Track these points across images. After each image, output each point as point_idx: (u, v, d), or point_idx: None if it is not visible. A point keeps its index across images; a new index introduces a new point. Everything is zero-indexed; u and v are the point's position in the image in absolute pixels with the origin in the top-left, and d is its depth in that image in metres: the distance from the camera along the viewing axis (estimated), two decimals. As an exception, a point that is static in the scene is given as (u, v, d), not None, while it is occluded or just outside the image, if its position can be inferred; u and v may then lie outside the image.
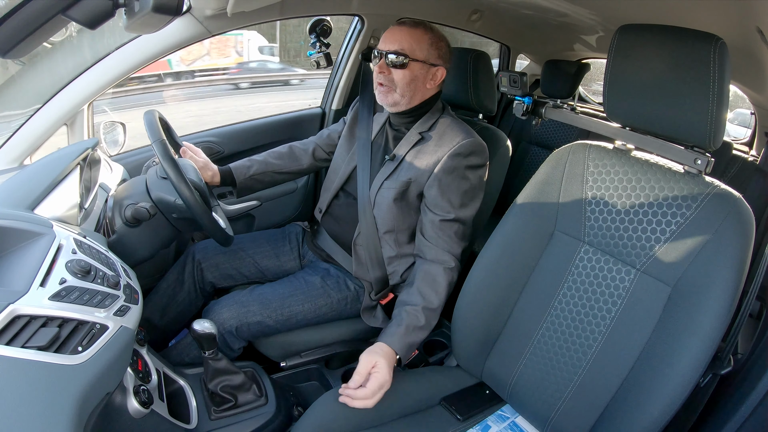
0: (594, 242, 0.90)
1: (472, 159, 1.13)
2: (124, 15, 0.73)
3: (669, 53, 0.76)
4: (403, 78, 1.13)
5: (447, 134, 1.16)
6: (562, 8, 1.46)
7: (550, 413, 0.90)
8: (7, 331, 0.58)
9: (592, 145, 0.94)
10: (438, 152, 1.14)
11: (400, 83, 1.14)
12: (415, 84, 1.15)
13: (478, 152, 1.14)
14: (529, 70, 2.51)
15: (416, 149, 1.17)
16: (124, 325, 0.72)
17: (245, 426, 0.95)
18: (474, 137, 1.15)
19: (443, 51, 1.17)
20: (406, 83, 1.14)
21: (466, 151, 1.12)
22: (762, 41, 0.95)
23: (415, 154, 1.17)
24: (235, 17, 1.22)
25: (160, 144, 0.92)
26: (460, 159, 1.12)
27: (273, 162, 1.37)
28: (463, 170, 1.12)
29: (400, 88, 1.14)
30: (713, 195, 0.77)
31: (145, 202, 0.95)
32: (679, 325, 0.75)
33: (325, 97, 1.84)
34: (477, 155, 1.14)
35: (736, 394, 0.79)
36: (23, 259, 0.68)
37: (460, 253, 1.13)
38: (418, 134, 1.18)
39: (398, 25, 1.15)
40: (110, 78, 1.20)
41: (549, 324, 0.93)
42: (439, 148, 1.14)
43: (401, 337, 1.00)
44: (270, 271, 1.36)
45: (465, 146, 1.12)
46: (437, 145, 1.15)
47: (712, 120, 0.73)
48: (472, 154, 1.13)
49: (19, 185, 0.86)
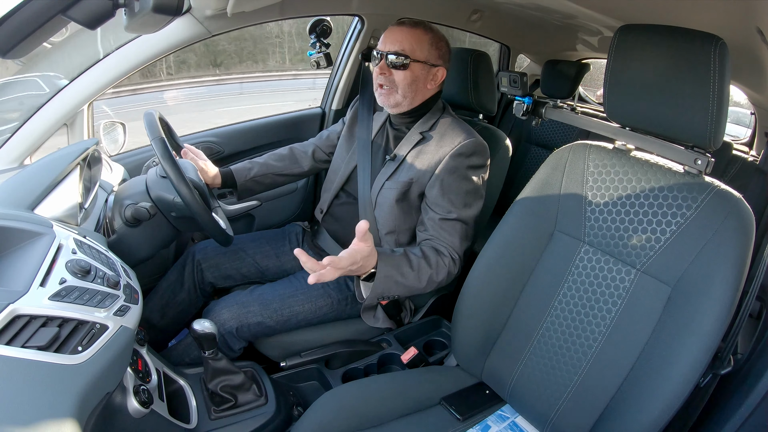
0: (594, 242, 0.90)
1: (474, 159, 1.13)
2: (124, 15, 0.73)
3: (669, 53, 0.76)
4: (405, 79, 1.13)
5: (448, 134, 1.15)
6: (562, 8, 1.45)
7: (550, 413, 0.90)
8: (7, 331, 0.58)
9: (592, 145, 0.94)
10: (440, 152, 1.13)
11: (402, 84, 1.13)
12: (417, 85, 1.15)
13: (480, 152, 1.14)
14: (529, 70, 2.51)
15: (417, 149, 1.17)
16: (124, 325, 0.72)
17: (245, 426, 0.95)
18: (475, 137, 1.14)
19: (443, 51, 1.17)
20: (408, 84, 1.14)
21: (468, 151, 1.12)
22: (762, 41, 0.95)
23: (416, 155, 1.17)
24: (235, 17, 1.22)
25: (159, 142, 0.92)
26: (462, 159, 1.12)
27: (274, 164, 1.37)
28: (465, 170, 1.12)
29: (401, 89, 1.14)
30: (713, 195, 0.77)
31: (145, 202, 0.95)
32: (679, 325, 0.75)
33: (325, 97, 1.83)
34: (479, 155, 1.14)
35: (736, 394, 0.79)
36: (23, 259, 0.68)
37: (462, 251, 1.13)
38: (419, 134, 1.18)
39: (398, 25, 1.15)
40: (110, 78, 1.20)
41: (549, 324, 0.93)
42: (440, 148, 1.14)
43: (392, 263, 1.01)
44: (270, 272, 1.36)
45: (467, 146, 1.12)
46: (438, 145, 1.15)
47: (712, 120, 0.73)
48: (474, 155, 1.13)
49: (19, 185, 0.86)
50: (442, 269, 1.08)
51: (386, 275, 1.01)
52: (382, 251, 1.02)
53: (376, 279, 1.00)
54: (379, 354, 1.23)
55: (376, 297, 1.04)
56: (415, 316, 1.37)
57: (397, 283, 1.03)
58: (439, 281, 1.09)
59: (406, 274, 1.03)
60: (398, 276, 1.02)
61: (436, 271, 1.07)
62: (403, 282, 1.03)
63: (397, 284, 1.03)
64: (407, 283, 1.04)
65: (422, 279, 1.06)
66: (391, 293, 1.04)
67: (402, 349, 1.23)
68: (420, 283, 1.06)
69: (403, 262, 1.04)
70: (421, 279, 1.06)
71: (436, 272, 1.08)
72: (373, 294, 1.02)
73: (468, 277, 1.02)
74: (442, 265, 1.09)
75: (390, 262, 1.02)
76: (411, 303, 1.36)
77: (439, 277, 1.08)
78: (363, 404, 0.92)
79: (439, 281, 1.09)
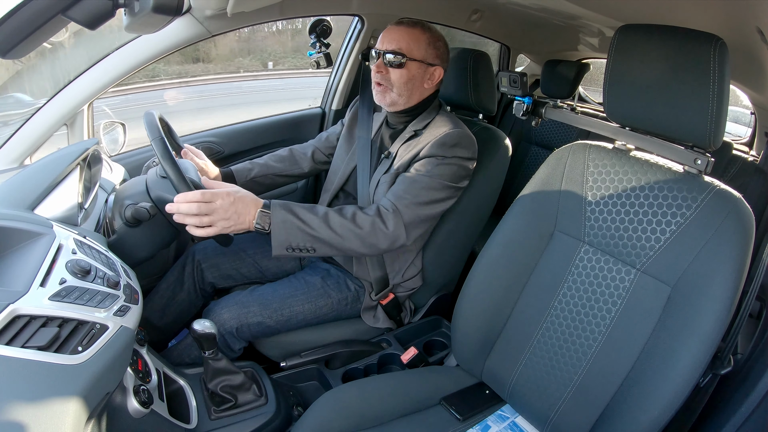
0: (594, 242, 0.90)
1: (457, 150, 1.11)
2: (124, 15, 0.73)
3: (669, 53, 0.76)
4: (401, 77, 1.13)
5: (437, 127, 1.15)
6: (562, 8, 1.46)
7: (550, 413, 0.90)
8: (7, 331, 0.58)
9: (592, 145, 0.94)
10: (424, 141, 1.13)
11: (398, 83, 1.14)
12: (413, 83, 1.15)
13: (465, 145, 1.12)
14: (529, 70, 2.51)
15: (408, 143, 1.17)
16: (124, 325, 0.72)
17: (245, 426, 0.95)
18: (461, 129, 1.13)
19: (441, 51, 1.17)
20: (404, 83, 1.14)
21: (451, 141, 1.11)
22: (762, 41, 0.95)
23: (406, 148, 1.17)
24: (235, 17, 1.22)
25: (159, 142, 0.92)
26: (445, 148, 1.10)
27: (274, 165, 1.38)
28: (442, 159, 1.10)
29: (397, 87, 1.14)
30: (713, 195, 0.77)
31: (145, 202, 0.95)
32: (679, 324, 0.75)
33: (325, 97, 1.84)
34: (463, 147, 1.12)
35: (736, 394, 0.79)
36: (23, 259, 0.68)
37: (408, 231, 1.07)
38: (413, 131, 1.18)
39: (396, 24, 1.15)
40: (110, 78, 1.20)
41: (549, 324, 0.93)
42: (425, 139, 1.14)
43: (287, 207, 0.97)
44: (270, 272, 1.36)
45: (451, 136, 1.11)
46: (426, 138, 1.14)
47: (712, 120, 0.73)
48: (457, 146, 1.11)
49: (19, 185, 0.86)
50: (377, 226, 1.03)
51: (283, 220, 0.97)
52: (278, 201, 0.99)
53: (273, 224, 0.96)
54: (379, 354, 1.23)
55: (281, 246, 0.98)
56: (415, 316, 1.37)
57: (303, 231, 0.98)
58: (377, 243, 1.04)
59: (309, 221, 0.98)
60: (298, 222, 0.98)
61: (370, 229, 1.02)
62: (310, 232, 0.98)
63: (304, 233, 0.98)
64: (319, 235, 0.99)
65: (343, 234, 1.01)
66: (302, 244, 0.99)
67: (402, 349, 1.23)
68: (342, 239, 1.01)
69: (302, 208, 0.99)
70: (342, 234, 1.01)
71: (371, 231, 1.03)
72: (276, 242, 0.97)
73: (468, 277, 1.02)
74: (378, 223, 1.04)
75: (285, 207, 0.98)
76: (411, 303, 1.36)
77: (377, 239, 1.03)
78: (363, 404, 0.92)
79: (378, 243, 1.04)
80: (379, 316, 1.26)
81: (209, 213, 0.92)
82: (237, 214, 0.95)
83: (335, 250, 1.03)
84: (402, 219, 1.06)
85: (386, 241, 1.05)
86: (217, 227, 0.94)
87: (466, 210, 1.26)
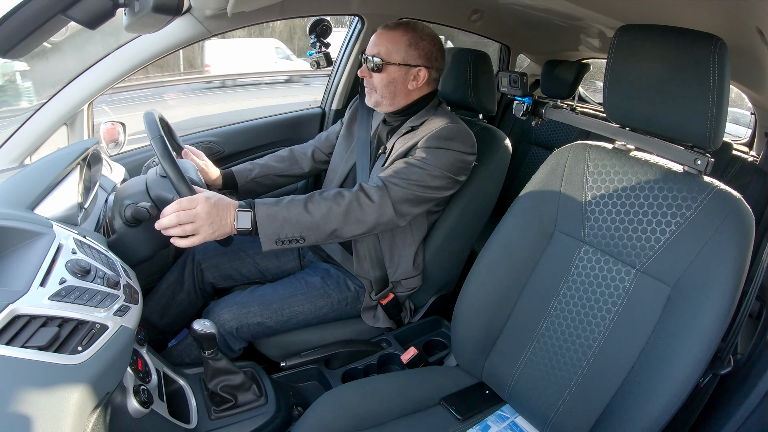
0: (594, 242, 0.90)
1: (453, 143, 1.10)
2: (124, 15, 0.73)
3: (669, 53, 0.76)
4: (381, 81, 1.16)
5: (434, 123, 1.15)
6: (562, 8, 1.46)
7: (550, 413, 0.90)
8: (7, 331, 0.58)
9: (592, 146, 0.94)
10: (419, 135, 1.13)
11: (379, 86, 1.16)
12: (394, 86, 1.16)
13: (462, 139, 1.12)
14: (529, 70, 2.51)
15: (404, 137, 1.18)
16: (124, 325, 0.72)
17: (245, 426, 0.95)
18: (458, 124, 1.13)
19: (426, 50, 1.16)
20: (384, 86, 1.16)
21: (447, 134, 1.10)
22: (762, 41, 0.95)
23: (402, 142, 1.17)
24: (235, 17, 1.22)
25: (158, 141, 0.92)
26: (441, 140, 1.10)
27: (274, 165, 1.38)
28: (437, 148, 1.09)
29: (379, 90, 1.17)
30: (713, 195, 0.77)
31: (145, 202, 0.95)
32: (679, 325, 0.75)
33: (325, 97, 1.84)
34: (460, 141, 1.11)
35: (736, 394, 0.79)
36: (23, 259, 0.68)
37: (396, 207, 1.05)
38: (410, 127, 1.19)
39: (381, 28, 1.18)
40: (110, 78, 1.20)
41: (549, 324, 0.93)
42: (422, 133, 1.14)
43: (267, 202, 0.97)
44: (270, 272, 1.36)
45: (447, 129, 1.11)
46: (422, 132, 1.14)
47: (711, 120, 0.73)
48: (453, 139, 1.10)
49: (19, 185, 0.86)
50: (361, 200, 1.02)
51: (267, 213, 0.96)
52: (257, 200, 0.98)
53: (258, 219, 0.95)
54: (379, 354, 1.23)
55: (270, 240, 0.97)
56: (415, 316, 1.37)
57: (288, 221, 0.97)
58: (364, 217, 1.02)
59: (292, 209, 0.98)
60: (283, 212, 0.97)
61: (354, 203, 1.01)
62: (295, 219, 0.97)
63: (289, 222, 0.97)
64: (304, 220, 0.98)
65: (327, 214, 0.99)
66: (290, 234, 0.98)
67: (402, 349, 1.23)
68: (328, 220, 0.99)
69: (284, 200, 0.99)
70: (327, 214, 0.99)
71: (356, 205, 1.01)
72: (265, 236, 0.96)
73: (468, 277, 1.02)
74: (362, 196, 1.03)
75: (267, 202, 0.97)
76: (411, 303, 1.36)
77: (363, 212, 1.02)
78: (363, 404, 0.92)
79: (365, 217, 1.03)
80: (379, 316, 1.26)
81: (192, 220, 0.91)
82: (219, 218, 0.93)
83: (324, 234, 1.01)
84: (389, 194, 1.04)
85: (373, 214, 1.03)
86: (202, 234, 0.92)
87: (466, 210, 1.26)
